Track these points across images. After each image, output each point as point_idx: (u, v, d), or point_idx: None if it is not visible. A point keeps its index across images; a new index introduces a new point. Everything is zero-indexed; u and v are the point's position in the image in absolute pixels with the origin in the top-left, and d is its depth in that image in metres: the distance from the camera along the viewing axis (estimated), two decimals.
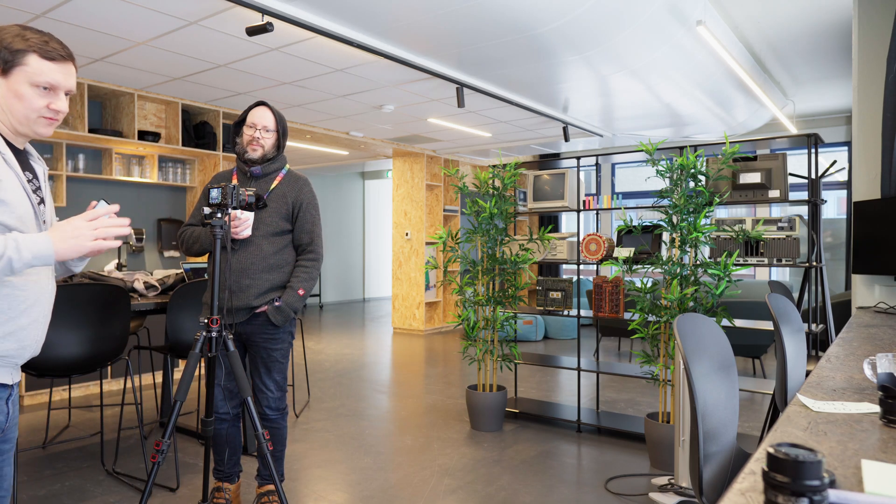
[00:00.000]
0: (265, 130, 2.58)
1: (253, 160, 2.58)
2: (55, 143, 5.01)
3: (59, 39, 1.44)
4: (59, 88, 1.44)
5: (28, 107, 1.41)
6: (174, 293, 3.29)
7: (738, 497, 0.74)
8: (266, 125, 2.57)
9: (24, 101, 1.40)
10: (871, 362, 1.40)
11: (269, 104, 2.62)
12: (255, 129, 2.57)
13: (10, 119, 1.42)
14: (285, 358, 2.67)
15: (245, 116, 2.62)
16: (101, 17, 3.63)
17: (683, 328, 1.46)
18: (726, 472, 1.41)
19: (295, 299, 2.56)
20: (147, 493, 2.17)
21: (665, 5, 3.75)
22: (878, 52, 3.40)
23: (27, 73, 1.39)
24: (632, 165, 9.12)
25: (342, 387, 5.25)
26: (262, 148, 2.58)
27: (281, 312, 2.55)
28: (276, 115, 2.61)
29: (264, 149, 2.58)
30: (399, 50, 4.21)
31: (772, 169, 3.46)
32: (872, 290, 3.41)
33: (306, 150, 8.64)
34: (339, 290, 12.70)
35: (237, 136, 2.65)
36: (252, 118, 2.59)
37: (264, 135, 2.57)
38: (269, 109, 2.60)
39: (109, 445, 3.63)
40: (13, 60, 1.38)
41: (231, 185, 2.26)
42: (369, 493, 3.00)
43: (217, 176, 2.73)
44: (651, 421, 3.42)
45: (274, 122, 2.59)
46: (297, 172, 2.73)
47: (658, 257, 3.42)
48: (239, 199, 2.28)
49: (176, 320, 3.32)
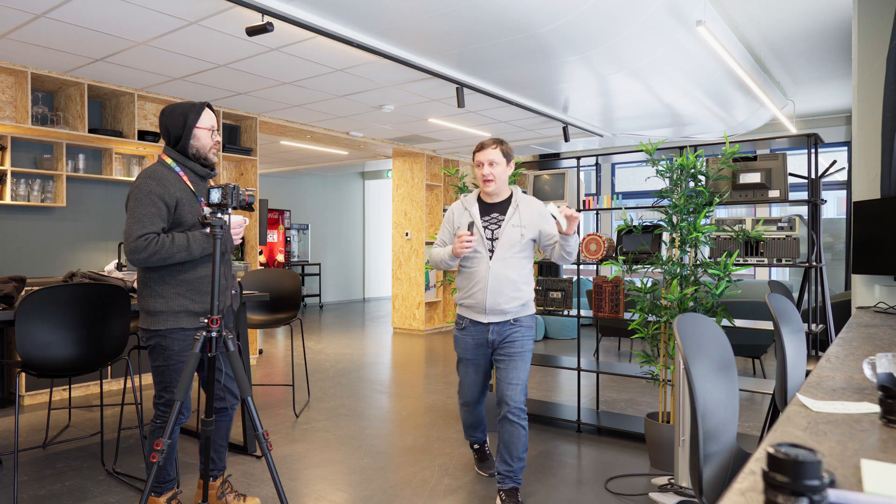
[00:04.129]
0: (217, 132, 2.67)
1: (214, 164, 2.59)
2: (55, 143, 5.01)
3: (487, 139, 2.51)
4: (483, 164, 2.75)
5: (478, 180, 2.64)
6: None
7: (738, 497, 0.74)
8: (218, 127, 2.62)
9: (478, 177, 2.70)
10: (870, 362, 1.40)
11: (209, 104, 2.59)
12: (214, 132, 2.56)
13: None
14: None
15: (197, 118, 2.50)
16: (101, 17, 3.63)
17: (683, 328, 1.46)
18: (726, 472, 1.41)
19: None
20: (147, 493, 2.17)
21: (665, 5, 3.75)
22: (878, 52, 3.40)
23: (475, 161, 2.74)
24: (632, 165, 9.12)
25: (342, 387, 5.25)
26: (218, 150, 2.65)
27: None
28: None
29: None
30: (399, 50, 4.21)
31: (772, 169, 3.46)
32: (872, 290, 3.41)
33: (306, 150, 8.64)
34: (339, 290, 12.70)
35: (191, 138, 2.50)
36: (210, 120, 2.54)
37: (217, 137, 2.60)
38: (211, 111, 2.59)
39: (109, 445, 3.63)
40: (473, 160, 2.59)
41: (231, 184, 2.26)
42: (369, 493, 3.01)
43: (162, 177, 2.45)
44: (651, 421, 3.42)
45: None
46: None
47: (658, 257, 3.42)
48: (239, 198, 2.29)
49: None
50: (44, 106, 4.93)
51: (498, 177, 2.79)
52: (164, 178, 2.44)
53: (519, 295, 2.77)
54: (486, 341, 2.82)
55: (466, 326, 2.85)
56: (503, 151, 2.81)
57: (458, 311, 2.91)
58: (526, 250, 2.81)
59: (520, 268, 2.79)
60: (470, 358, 2.89)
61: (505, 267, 2.74)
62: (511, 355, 2.77)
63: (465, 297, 2.83)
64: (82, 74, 4.82)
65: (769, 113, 6.86)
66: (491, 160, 2.77)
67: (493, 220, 2.82)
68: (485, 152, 2.79)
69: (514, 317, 2.78)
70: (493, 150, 2.79)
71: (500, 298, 2.74)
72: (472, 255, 2.78)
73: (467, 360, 2.90)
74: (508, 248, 2.75)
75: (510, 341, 2.78)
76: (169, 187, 2.42)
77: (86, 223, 5.42)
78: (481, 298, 2.75)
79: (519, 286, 2.77)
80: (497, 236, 2.78)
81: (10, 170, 4.75)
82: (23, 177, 4.92)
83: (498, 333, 2.79)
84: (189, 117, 2.49)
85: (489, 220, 2.83)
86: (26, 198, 4.91)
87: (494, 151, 2.79)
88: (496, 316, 2.77)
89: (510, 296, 2.75)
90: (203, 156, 2.53)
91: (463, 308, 2.87)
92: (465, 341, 2.87)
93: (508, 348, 2.78)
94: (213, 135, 2.55)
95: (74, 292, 2.81)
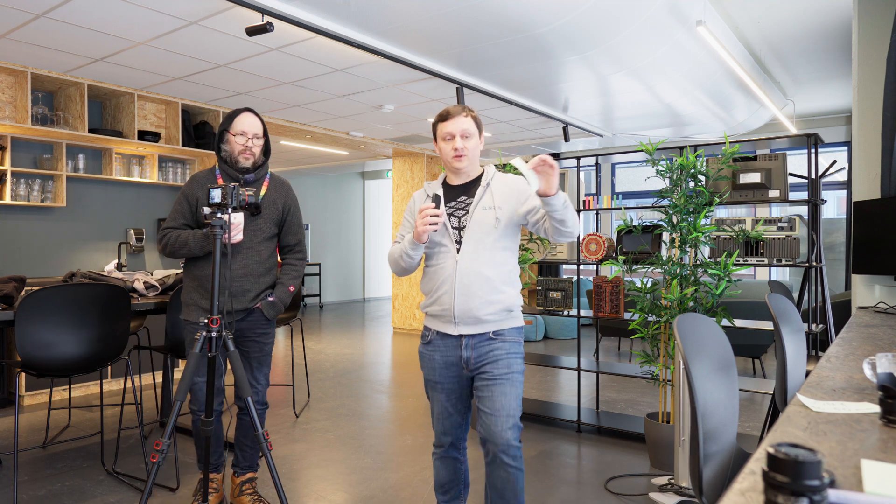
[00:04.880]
0: (256, 138, 2.60)
1: (247, 168, 2.60)
2: (55, 143, 5.02)
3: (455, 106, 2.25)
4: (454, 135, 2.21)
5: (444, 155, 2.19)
6: (174, 293, 3.29)
7: (738, 497, 0.74)
8: (257, 133, 2.60)
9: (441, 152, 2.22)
10: (870, 362, 1.40)
11: (254, 110, 2.64)
12: (247, 138, 2.57)
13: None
14: (271, 351, 2.79)
15: (230, 123, 2.59)
16: (101, 17, 3.63)
17: (683, 328, 1.46)
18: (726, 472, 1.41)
19: (286, 295, 2.70)
20: (147, 493, 2.17)
21: (665, 5, 3.75)
22: (878, 52, 3.40)
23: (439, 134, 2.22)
24: (632, 165, 9.12)
25: (342, 387, 5.25)
26: (254, 156, 2.61)
27: (274, 307, 2.67)
28: (262, 121, 2.65)
29: (255, 156, 2.61)
30: (399, 50, 4.21)
31: (772, 169, 3.46)
32: (872, 290, 3.41)
33: (306, 150, 8.63)
34: (339, 290, 12.70)
35: (222, 142, 2.62)
36: (241, 126, 2.58)
37: (255, 142, 2.60)
38: (256, 116, 2.62)
39: (109, 445, 3.63)
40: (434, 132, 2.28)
41: (231, 185, 2.26)
42: (369, 493, 3.01)
43: (197, 177, 2.67)
44: (651, 421, 3.42)
45: (262, 129, 2.62)
46: (278, 176, 2.77)
47: (658, 257, 3.42)
48: (239, 199, 2.29)
49: (176, 320, 3.32)
50: (44, 106, 4.93)
51: (471, 151, 2.19)
52: (198, 179, 2.65)
53: (498, 298, 2.15)
54: (459, 360, 2.18)
55: (433, 340, 2.23)
56: (475, 120, 2.21)
57: (425, 322, 2.30)
58: (505, 239, 2.19)
59: (498, 263, 2.17)
60: (438, 380, 2.24)
61: (477, 261, 2.13)
62: (494, 379, 2.13)
63: (431, 302, 2.22)
64: (82, 74, 4.82)
65: (769, 113, 6.86)
66: (464, 131, 2.16)
67: (461, 204, 2.21)
68: (455, 121, 2.16)
69: (494, 328, 2.16)
70: (464, 119, 2.17)
71: (473, 302, 2.12)
72: (437, 249, 2.19)
73: (435, 382, 2.25)
74: (481, 238, 2.14)
75: (491, 361, 2.15)
76: (195, 188, 2.61)
77: (86, 223, 5.42)
78: (448, 303, 2.14)
79: (498, 287, 2.14)
80: (465, 223, 2.17)
81: (10, 170, 4.75)
82: (23, 177, 4.92)
83: (473, 349, 2.16)
84: (224, 122, 2.62)
85: (455, 205, 2.22)
86: (26, 198, 4.91)
87: (466, 120, 2.17)
88: (469, 326, 2.14)
89: (486, 299, 2.13)
90: (234, 160, 2.59)
91: (429, 318, 2.26)
92: (432, 359, 2.24)
93: (490, 370, 2.14)
94: (248, 140, 2.57)
95: (74, 292, 2.81)
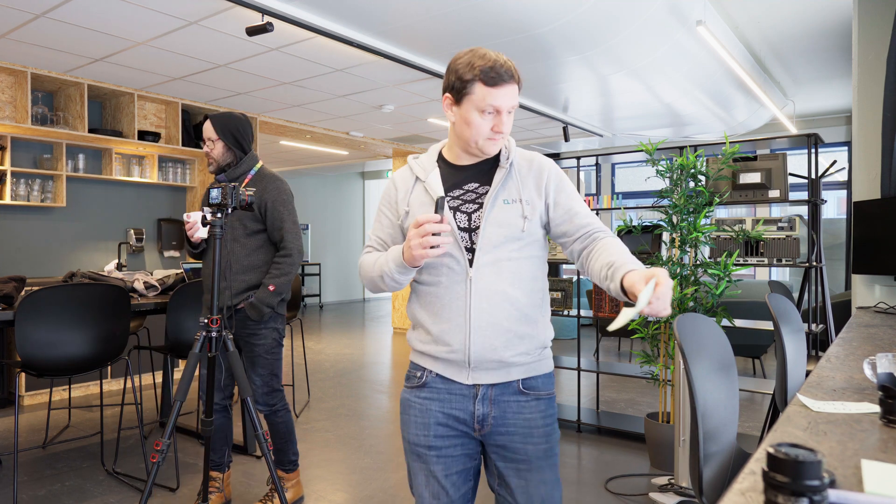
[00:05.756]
0: (210, 141, 2.69)
1: (212, 172, 2.73)
2: (55, 143, 5.02)
3: (504, 62, 1.47)
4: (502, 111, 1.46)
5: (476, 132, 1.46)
6: (174, 293, 3.29)
7: (738, 497, 0.74)
8: (210, 136, 2.68)
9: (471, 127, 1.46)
10: (871, 362, 1.40)
11: (211, 116, 2.70)
12: (204, 144, 2.71)
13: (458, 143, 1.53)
14: (270, 354, 2.75)
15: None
16: (101, 17, 3.63)
17: (683, 328, 1.46)
18: (726, 472, 1.41)
19: (266, 295, 2.65)
20: (147, 493, 2.17)
21: (665, 5, 3.75)
22: (878, 52, 3.40)
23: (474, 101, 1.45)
24: (632, 165, 9.12)
25: (342, 387, 5.25)
26: (215, 160, 2.70)
27: (254, 308, 2.65)
28: (218, 125, 2.68)
29: (215, 160, 2.70)
30: (399, 50, 4.21)
31: (772, 169, 3.46)
32: (872, 290, 3.41)
33: (306, 150, 8.64)
34: (339, 290, 12.70)
35: None
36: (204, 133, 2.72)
37: (211, 146, 2.69)
38: (210, 121, 2.69)
39: (109, 445, 3.63)
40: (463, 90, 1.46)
41: (231, 185, 2.26)
42: (369, 492, 3.00)
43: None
44: (651, 421, 3.42)
45: (215, 133, 2.67)
46: (267, 171, 2.79)
47: (658, 257, 3.42)
48: (239, 199, 2.29)
49: (176, 320, 3.32)
50: (44, 106, 4.93)
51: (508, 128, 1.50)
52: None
53: (530, 332, 1.48)
54: (470, 416, 1.48)
55: (429, 383, 1.51)
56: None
57: (413, 359, 1.57)
58: (534, 245, 1.51)
59: (527, 279, 1.48)
60: (433, 444, 1.50)
61: (498, 278, 1.45)
62: (529, 461, 1.48)
63: (428, 339, 1.50)
64: (82, 74, 4.82)
65: (769, 113, 6.86)
66: (513, 106, 1.47)
67: (470, 195, 1.50)
68: (507, 91, 1.43)
69: (524, 375, 1.49)
70: (515, 89, 1.46)
71: (497, 339, 1.44)
72: (437, 261, 1.47)
73: (427, 447, 1.50)
74: (503, 244, 1.46)
75: (521, 431, 1.48)
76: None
77: (86, 223, 5.42)
78: (458, 342, 1.44)
79: (528, 314, 1.47)
80: (478, 223, 1.46)
81: (10, 170, 4.75)
82: (23, 177, 4.92)
83: (494, 405, 1.48)
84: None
85: (462, 195, 1.50)
86: (26, 198, 4.91)
87: (516, 90, 1.46)
88: (488, 372, 1.46)
89: (514, 332, 1.45)
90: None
91: (423, 357, 1.53)
92: (425, 410, 1.51)
93: (521, 446, 1.48)
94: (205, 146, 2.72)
95: (74, 292, 2.81)
